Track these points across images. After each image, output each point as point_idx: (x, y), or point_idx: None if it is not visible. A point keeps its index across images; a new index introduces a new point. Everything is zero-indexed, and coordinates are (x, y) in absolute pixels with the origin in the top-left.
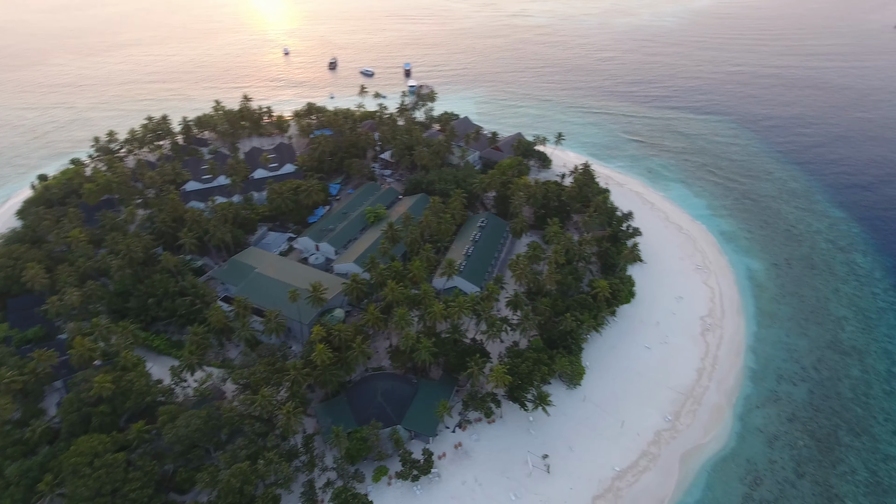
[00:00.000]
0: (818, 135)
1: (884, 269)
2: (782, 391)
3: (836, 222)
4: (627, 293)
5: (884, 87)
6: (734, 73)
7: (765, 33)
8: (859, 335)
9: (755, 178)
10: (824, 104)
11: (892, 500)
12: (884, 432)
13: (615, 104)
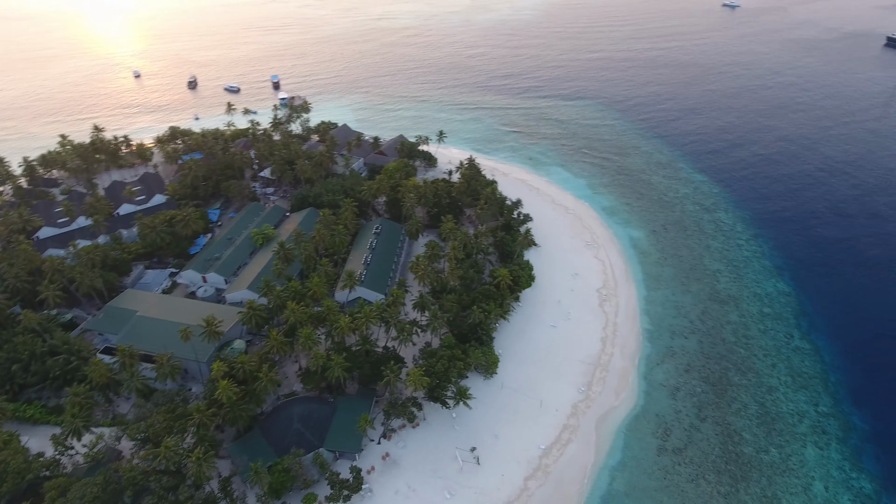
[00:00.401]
0: (674, 109)
1: (744, 222)
2: (676, 345)
3: (699, 186)
4: (527, 278)
5: (722, 60)
6: (594, 59)
7: (614, 19)
8: (732, 284)
9: (625, 154)
10: (676, 81)
11: (780, 425)
12: (765, 367)
13: (490, 98)
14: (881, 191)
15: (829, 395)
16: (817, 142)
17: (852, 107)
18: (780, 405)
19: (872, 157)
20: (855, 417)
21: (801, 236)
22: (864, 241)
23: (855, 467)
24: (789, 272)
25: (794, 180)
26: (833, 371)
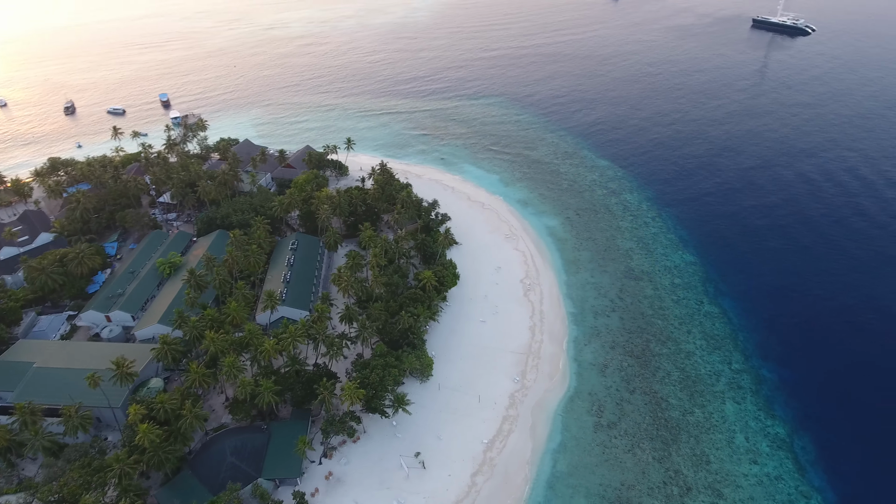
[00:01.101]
0: (575, 101)
1: (648, 201)
2: (600, 325)
3: (604, 171)
4: (452, 277)
5: (614, 51)
6: (494, 57)
7: (508, 17)
8: (644, 260)
9: (533, 147)
10: (573, 73)
11: (700, 387)
12: (681, 334)
13: (396, 102)
14: (761, 167)
15: (740, 352)
16: (704, 124)
17: (730, 87)
18: (698, 368)
19: (751, 135)
20: (763, 370)
21: (699, 211)
22: (750, 211)
23: (769, 415)
24: (693, 244)
25: (688, 161)
26: (740, 330)
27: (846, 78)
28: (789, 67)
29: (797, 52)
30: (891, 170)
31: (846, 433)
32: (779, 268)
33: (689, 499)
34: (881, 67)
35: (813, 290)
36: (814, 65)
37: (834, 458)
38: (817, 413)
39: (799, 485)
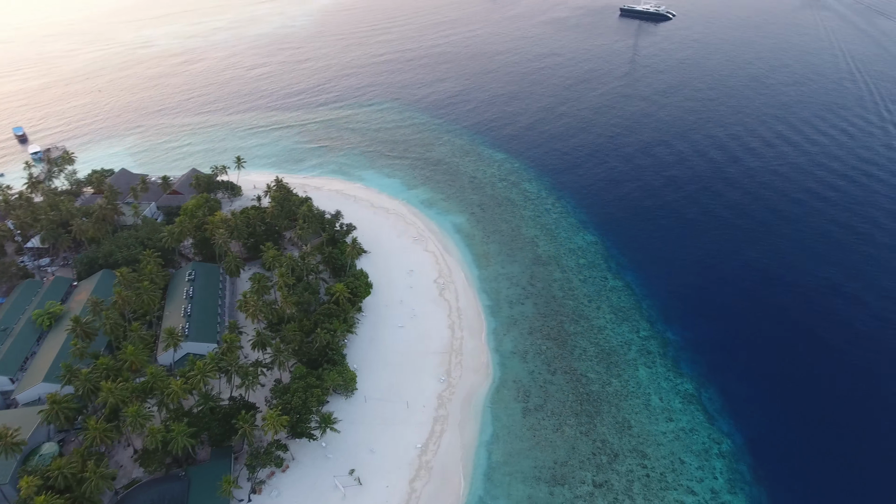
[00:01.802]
0: (468, 100)
1: (546, 188)
2: (516, 313)
3: (502, 164)
4: (365, 286)
5: (500, 48)
6: (382, 61)
7: (389, 21)
8: (550, 245)
9: (431, 147)
10: (464, 72)
11: (615, 358)
12: (591, 311)
13: (286, 116)
14: (644, 151)
15: (645, 320)
16: (590, 112)
17: (610, 75)
18: (610, 340)
19: (632, 120)
20: (668, 333)
21: (594, 194)
22: (639, 192)
23: (677, 374)
24: (592, 225)
25: (579, 148)
26: (643, 299)
27: (708, 59)
28: (659, 52)
29: (663, 37)
30: (753, 141)
31: (744, 380)
32: (670, 241)
33: (617, 464)
34: (735, 48)
35: (701, 257)
36: (679, 49)
37: (736, 404)
38: (718, 365)
39: (710, 433)
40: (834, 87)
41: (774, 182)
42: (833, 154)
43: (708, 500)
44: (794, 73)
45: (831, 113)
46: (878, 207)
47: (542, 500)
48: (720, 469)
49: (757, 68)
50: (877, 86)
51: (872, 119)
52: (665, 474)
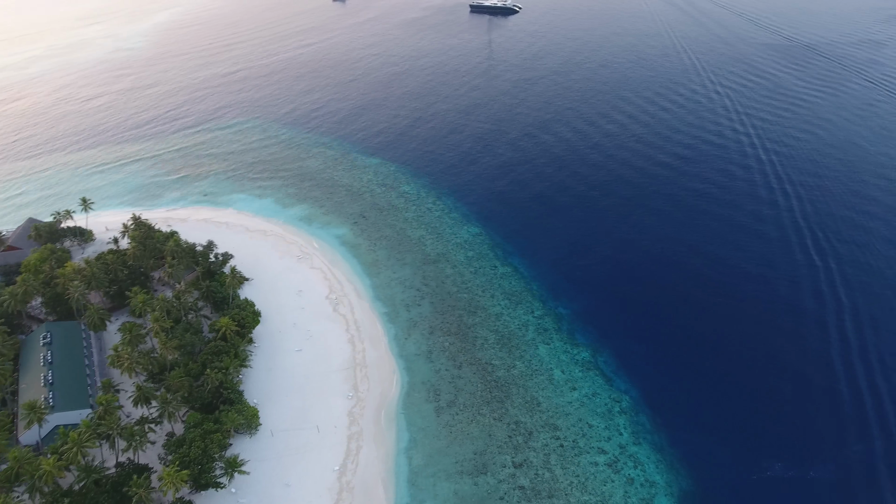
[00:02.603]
0: (334, 110)
1: (424, 189)
2: (414, 315)
3: (377, 169)
4: (253, 315)
5: (360, 55)
6: (238, 79)
7: (236, 33)
8: (437, 243)
9: (301, 162)
10: (327, 83)
11: (515, 341)
12: (486, 300)
13: (136, 148)
14: (511, 147)
15: (538, 300)
16: (459, 110)
17: (471, 73)
18: (508, 325)
19: (500, 114)
20: (560, 308)
21: (471, 188)
22: (513, 183)
23: (574, 345)
24: (474, 217)
25: (452, 147)
26: (533, 281)
27: (561, 48)
28: (513, 46)
29: (514, 30)
30: (608, 124)
31: (632, 340)
32: (548, 225)
33: (532, 441)
34: (582, 36)
35: (578, 236)
36: (532, 40)
37: (629, 362)
38: (608, 331)
39: (611, 393)
40: (670, 63)
41: (632, 160)
42: (674, 126)
43: (618, 455)
44: (637, 55)
45: (668, 89)
46: (716, 170)
47: (467, 492)
48: (624, 425)
49: (604, 54)
50: (699, 59)
51: (697, 89)
52: (577, 440)
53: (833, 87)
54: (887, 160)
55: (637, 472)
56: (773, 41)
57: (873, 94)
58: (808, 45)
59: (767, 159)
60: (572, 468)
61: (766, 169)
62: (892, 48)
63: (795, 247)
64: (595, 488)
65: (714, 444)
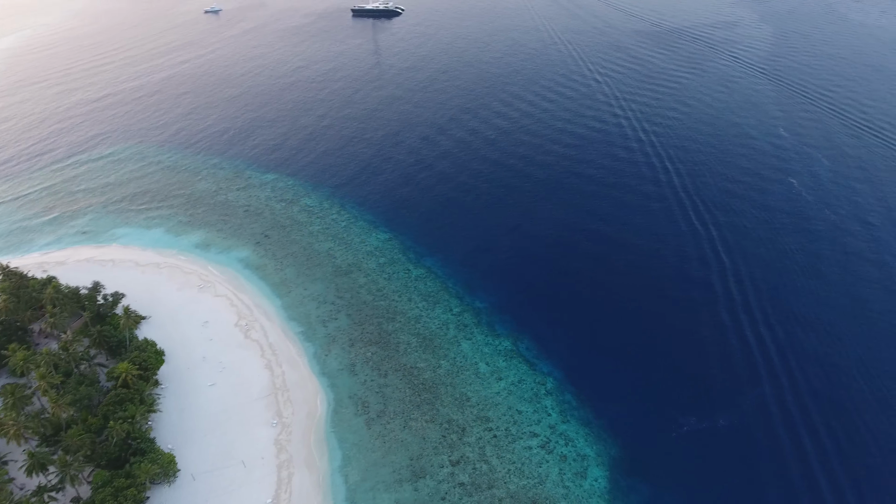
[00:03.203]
0: (224, 129)
1: (327, 199)
2: (332, 330)
3: (274, 184)
4: (155, 356)
5: (244, 68)
6: (109, 104)
7: (103, 55)
8: (347, 254)
9: (190, 185)
10: (212, 100)
11: (437, 341)
12: (404, 304)
13: None
14: (410, 153)
15: (455, 297)
16: (355, 117)
17: (362, 80)
18: (429, 326)
19: (395, 122)
20: (477, 303)
21: (375, 193)
22: (416, 191)
23: (494, 336)
24: (382, 223)
25: (351, 156)
26: (447, 279)
27: (450, 48)
28: (401, 49)
29: (399, 33)
30: (501, 121)
31: (548, 322)
32: (456, 224)
33: (466, 436)
34: (468, 35)
35: (486, 231)
36: (419, 42)
37: (549, 344)
38: (525, 318)
39: (535, 377)
40: (552, 56)
41: (526, 153)
42: (561, 116)
43: (549, 435)
44: (521, 51)
45: (552, 81)
46: (603, 154)
47: (408, 499)
48: (551, 406)
49: (491, 52)
50: (578, 50)
51: (578, 79)
52: (509, 428)
53: (699, 67)
54: (749, 129)
55: (569, 449)
56: (643, 28)
57: (732, 70)
58: (673, 29)
59: (647, 140)
60: (508, 456)
61: (647, 149)
62: (742, 27)
63: (679, 219)
64: (532, 471)
65: (634, 409)
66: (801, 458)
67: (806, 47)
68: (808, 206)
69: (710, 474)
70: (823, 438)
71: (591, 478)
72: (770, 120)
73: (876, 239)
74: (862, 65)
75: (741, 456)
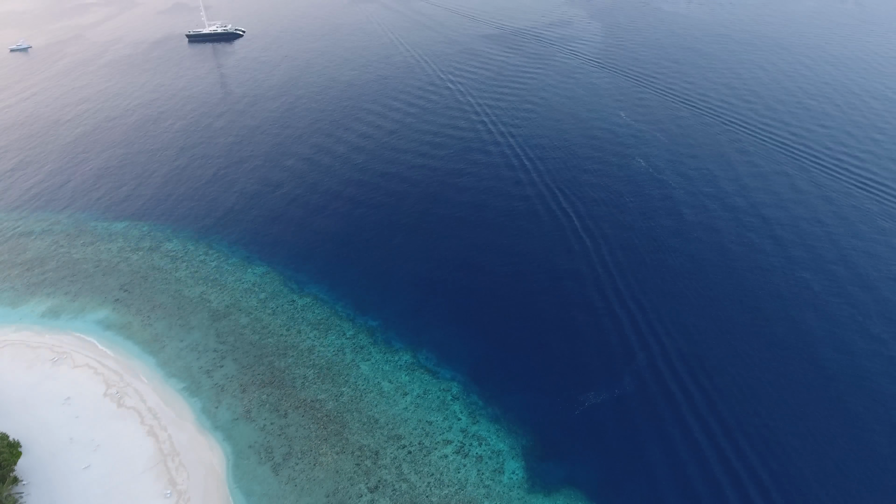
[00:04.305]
0: (61, 181)
1: (192, 241)
2: (219, 378)
3: (127, 233)
4: (9, 450)
5: (78, 110)
6: None
7: None
8: (223, 295)
9: (23, 248)
10: (37, 151)
11: (335, 368)
12: (293, 337)
13: None
14: (282, 174)
15: (346, 321)
16: (209, 147)
17: (211, 114)
18: (324, 355)
19: (257, 149)
20: (370, 321)
21: (245, 226)
22: (293, 213)
23: (392, 352)
24: (256, 257)
25: (209, 188)
26: (336, 303)
27: (301, 71)
28: (252, 74)
29: (246, 57)
30: (363, 142)
31: (444, 326)
32: (333, 246)
33: (381, 459)
34: (321, 55)
35: (364, 250)
36: (271, 63)
37: (448, 349)
38: (420, 326)
39: (440, 385)
40: (405, 69)
41: (392, 170)
42: (421, 128)
43: (462, 439)
44: (374, 67)
45: (407, 93)
46: (467, 161)
47: None
48: (459, 410)
49: (347, 71)
50: (428, 59)
51: (433, 87)
52: (422, 441)
53: (544, 64)
54: (596, 117)
55: (483, 449)
56: (490, 32)
57: (573, 63)
58: (516, 30)
59: (505, 142)
60: (425, 469)
61: (505, 150)
62: (576, 25)
63: (542, 212)
64: (451, 479)
65: (538, 396)
66: (674, 410)
67: (631, 37)
68: (653, 179)
69: (613, 440)
70: (692, 390)
71: (509, 471)
72: (611, 106)
73: (710, 201)
74: (679, 47)
75: (636, 417)
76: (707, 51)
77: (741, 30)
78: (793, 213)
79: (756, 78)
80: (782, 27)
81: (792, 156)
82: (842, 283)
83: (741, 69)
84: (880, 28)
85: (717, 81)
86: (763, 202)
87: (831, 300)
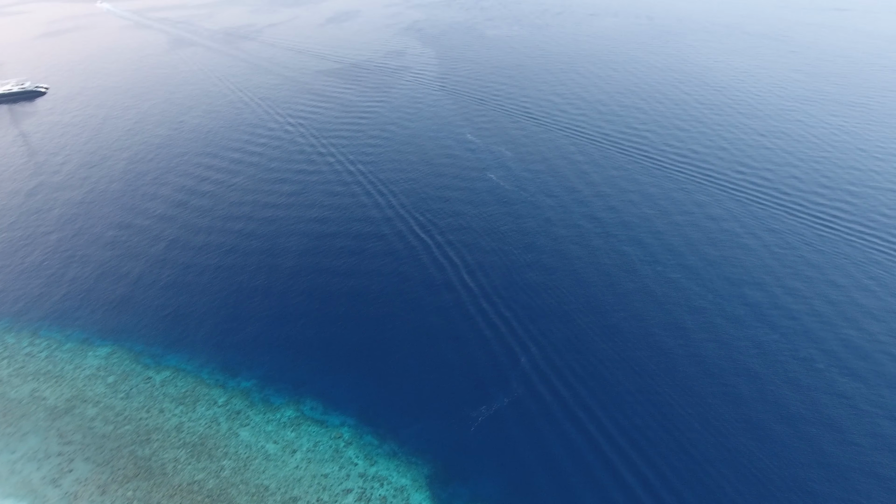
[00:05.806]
0: None
1: (8, 332)
2: (69, 485)
3: None
4: None
5: None
6: None
7: None
8: (62, 388)
9: None
10: None
11: (211, 442)
12: (154, 417)
13: None
14: (103, 243)
15: (216, 387)
16: (23, 226)
17: (22, 187)
18: (195, 430)
19: (74, 218)
20: (243, 382)
21: (74, 305)
22: (133, 271)
23: (274, 411)
24: (97, 336)
25: (28, 267)
26: (201, 371)
27: (127, 133)
28: (66, 141)
29: (51, 118)
30: (209, 187)
31: (324, 374)
32: (187, 308)
33: None
34: (133, 110)
35: (220, 304)
36: (81, 125)
37: (332, 395)
38: (299, 378)
39: (330, 433)
40: (241, 114)
41: (249, 213)
42: (269, 168)
43: (362, 485)
44: (207, 116)
45: (249, 138)
46: (323, 194)
47: None
48: (354, 455)
49: (172, 124)
50: (260, 98)
51: (273, 126)
52: (320, 498)
53: (385, 94)
54: (444, 140)
55: (386, 489)
56: (327, 66)
57: (415, 91)
58: (354, 63)
59: (357, 170)
60: None
61: (361, 179)
62: (409, 54)
63: (409, 235)
64: None
65: (431, 421)
66: (559, 401)
67: (464, 60)
68: (507, 193)
69: (511, 448)
70: (570, 379)
71: None
72: (458, 128)
73: (562, 206)
74: (508, 66)
75: (527, 420)
76: (533, 66)
77: (558, 45)
78: (628, 200)
79: (580, 85)
80: (594, 41)
81: (623, 152)
82: (654, 252)
83: (566, 79)
84: (672, 38)
85: (548, 91)
86: (606, 193)
87: (658, 289)
